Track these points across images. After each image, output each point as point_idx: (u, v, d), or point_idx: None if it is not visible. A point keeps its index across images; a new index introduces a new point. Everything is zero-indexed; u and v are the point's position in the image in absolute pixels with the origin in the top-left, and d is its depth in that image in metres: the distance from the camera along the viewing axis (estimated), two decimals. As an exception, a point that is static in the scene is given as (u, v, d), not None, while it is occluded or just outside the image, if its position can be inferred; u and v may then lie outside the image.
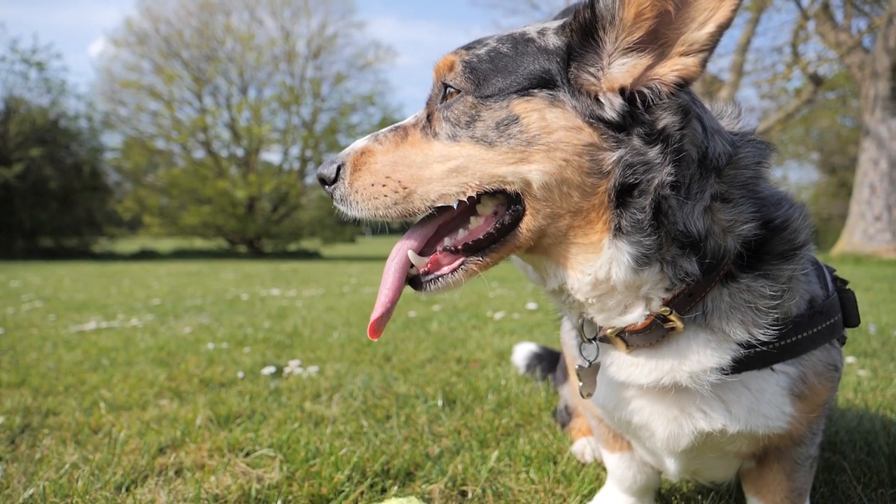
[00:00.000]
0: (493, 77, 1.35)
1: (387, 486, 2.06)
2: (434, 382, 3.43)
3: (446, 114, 1.38)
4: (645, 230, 1.28)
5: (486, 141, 1.32)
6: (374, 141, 1.45)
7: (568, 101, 1.29)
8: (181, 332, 5.51)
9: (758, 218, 1.35)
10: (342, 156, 1.46)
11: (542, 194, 1.31)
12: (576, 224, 1.33)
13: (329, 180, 1.45)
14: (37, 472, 2.17)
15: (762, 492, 1.63)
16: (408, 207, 1.37)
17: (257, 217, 33.83)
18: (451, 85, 1.38)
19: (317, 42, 34.87)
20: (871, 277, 10.69)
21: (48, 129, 28.66)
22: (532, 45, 1.35)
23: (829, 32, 19.30)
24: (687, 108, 1.30)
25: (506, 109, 1.32)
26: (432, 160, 1.37)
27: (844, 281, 1.60)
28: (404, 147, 1.42)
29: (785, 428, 1.43)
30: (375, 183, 1.39)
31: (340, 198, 1.44)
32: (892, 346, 4.27)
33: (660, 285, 1.33)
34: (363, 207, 1.40)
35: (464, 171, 1.34)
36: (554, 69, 1.31)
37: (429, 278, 1.39)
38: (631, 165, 1.26)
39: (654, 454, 1.66)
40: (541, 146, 1.29)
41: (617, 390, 1.53)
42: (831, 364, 1.47)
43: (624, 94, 1.27)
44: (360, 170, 1.41)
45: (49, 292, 9.67)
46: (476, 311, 6.81)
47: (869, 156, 17.49)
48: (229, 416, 2.81)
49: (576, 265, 1.36)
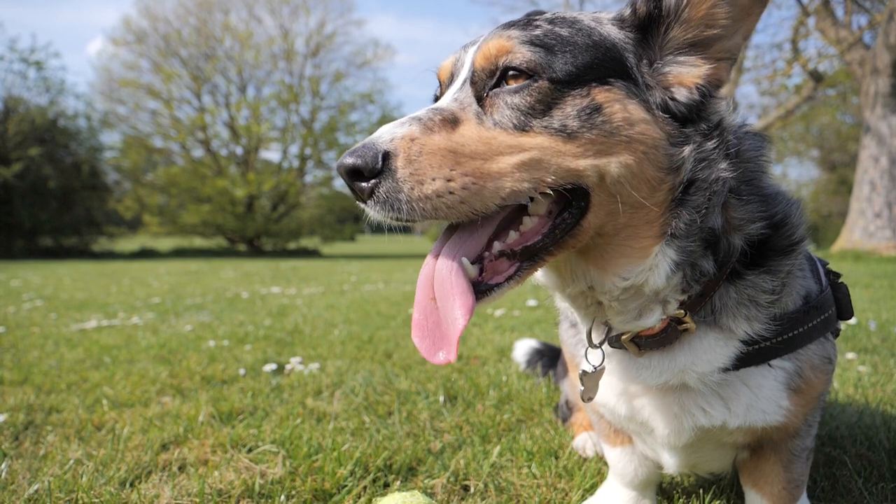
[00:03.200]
0: (563, 62, 1.23)
1: (389, 482, 2.07)
2: (435, 379, 3.44)
3: (510, 100, 1.23)
4: (693, 234, 1.28)
5: (564, 131, 1.21)
6: (421, 126, 1.20)
7: (640, 93, 1.27)
8: (182, 330, 5.52)
9: (764, 216, 1.36)
10: (382, 142, 1.17)
11: (615, 189, 1.24)
12: (632, 223, 1.27)
13: (371, 172, 1.15)
14: (41, 468, 2.18)
15: (759, 483, 1.64)
16: (475, 207, 1.17)
17: (257, 215, 33.81)
18: (518, 68, 1.23)
19: (315, 40, 34.86)
20: (871, 274, 10.70)
21: (47, 128, 28.61)
22: (595, 32, 1.29)
23: (829, 29, 19.27)
24: (728, 105, 1.34)
25: (587, 98, 1.23)
26: (498, 152, 1.20)
27: (837, 274, 1.62)
28: (459, 136, 1.21)
29: (782, 421, 1.45)
30: (437, 178, 1.15)
31: (385, 195, 1.15)
32: (893, 342, 4.28)
33: (678, 287, 1.33)
34: (419, 207, 1.14)
35: (537, 164, 1.20)
36: (629, 60, 1.28)
37: (483, 288, 1.24)
38: (699, 161, 1.28)
39: (653, 449, 1.67)
40: (622, 138, 1.23)
41: (618, 388, 1.54)
42: (826, 357, 1.49)
43: (690, 90, 1.29)
44: (414, 161, 1.15)
45: (49, 291, 9.67)
46: (476, 309, 6.81)
47: (869, 153, 17.48)
48: (231, 412, 2.82)
49: (616, 268, 1.30)
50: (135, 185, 34.27)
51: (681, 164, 1.26)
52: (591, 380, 1.50)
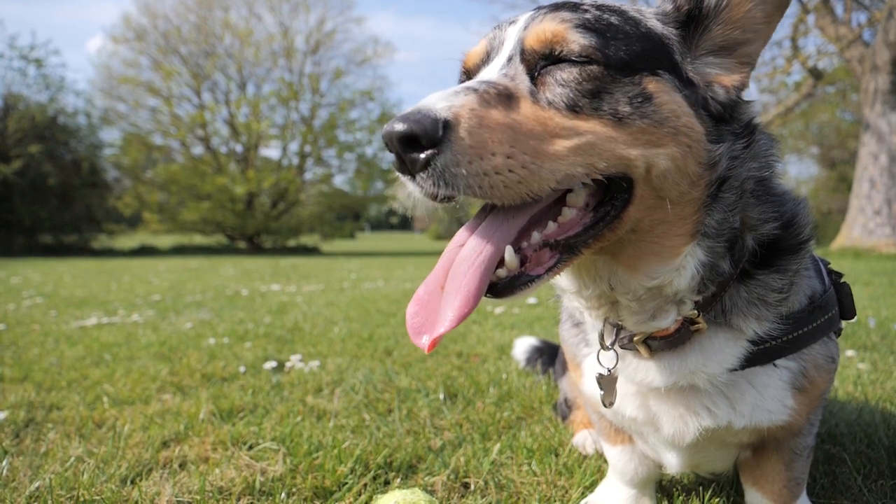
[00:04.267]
0: (616, 48, 1.22)
1: (390, 479, 2.07)
2: (435, 376, 3.44)
3: (564, 80, 1.20)
4: (723, 233, 1.29)
5: (615, 116, 1.19)
6: (478, 98, 1.12)
7: (683, 88, 1.27)
8: (182, 327, 5.52)
9: (777, 216, 1.37)
10: (441, 109, 1.07)
11: (658, 182, 1.22)
12: (667, 219, 1.26)
13: (430, 141, 1.05)
14: (42, 465, 2.18)
15: (760, 482, 1.64)
16: (531, 188, 1.10)
17: (256, 213, 33.78)
18: (574, 52, 1.20)
19: (315, 38, 34.79)
20: (870, 272, 10.70)
21: (47, 125, 28.57)
22: (643, 24, 1.29)
23: (828, 26, 19.25)
24: (758, 107, 1.37)
25: (638, 86, 1.22)
26: (554, 133, 1.15)
27: (839, 274, 1.62)
28: (516, 113, 1.15)
29: (787, 421, 1.45)
30: (498, 153, 1.07)
31: (443, 168, 1.06)
32: (892, 339, 4.28)
33: (695, 288, 1.32)
34: (476, 184, 1.07)
35: (591, 149, 1.16)
36: (676, 54, 1.29)
37: (525, 280, 1.18)
38: (733, 158, 1.29)
39: (655, 448, 1.66)
40: (670, 129, 1.22)
41: (623, 389, 1.53)
42: (829, 357, 1.49)
43: (728, 90, 1.30)
44: (475, 134, 1.07)
45: (49, 289, 9.67)
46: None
47: (869, 150, 17.48)
48: (232, 410, 2.82)
49: (645, 267, 1.29)
50: (135, 182, 34.19)
51: (717, 160, 1.27)
52: (608, 383, 1.48)
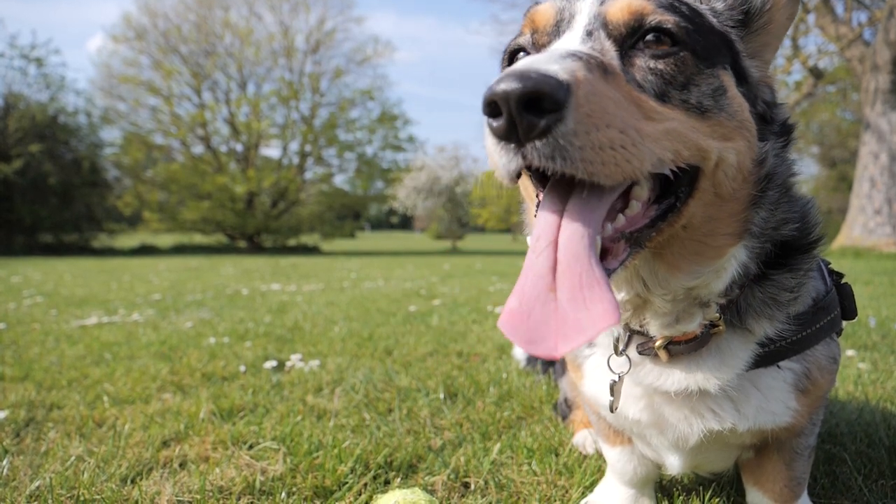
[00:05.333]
0: (698, 36, 1.18)
1: (390, 478, 2.07)
2: (435, 376, 3.44)
3: (654, 64, 1.14)
4: (765, 233, 1.29)
5: (699, 108, 1.16)
6: (585, 65, 1.00)
7: (739, 84, 1.26)
8: (182, 326, 5.52)
9: (797, 217, 1.36)
10: (557, 70, 0.93)
11: (720, 176, 1.20)
12: (717, 216, 1.23)
13: (554, 104, 0.91)
14: (42, 464, 2.18)
15: (761, 481, 1.64)
16: (634, 168, 1.01)
17: (256, 212, 33.78)
18: (668, 31, 1.15)
19: (315, 37, 34.78)
20: (870, 271, 10.70)
21: (47, 124, 28.55)
22: (707, 16, 1.26)
23: (829, 25, 19.24)
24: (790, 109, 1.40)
25: (717, 78, 1.20)
26: (647, 115, 1.07)
27: (840, 274, 1.61)
28: (617, 86, 1.05)
29: (790, 422, 1.44)
30: (612, 126, 0.97)
31: (561, 137, 0.93)
32: (893, 339, 4.28)
33: (725, 290, 1.30)
34: (589, 159, 0.95)
35: (677, 136, 1.11)
36: (738, 50, 1.29)
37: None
38: (777, 156, 1.30)
39: (656, 450, 1.65)
40: (738, 123, 1.21)
41: (626, 391, 1.51)
42: (832, 357, 1.48)
43: (772, 90, 1.32)
44: (591, 102, 0.95)
45: (50, 288, 9.67)
46: (476, 306, 6.82)
47: (869, 149, 17.47)
48: (232, 409, 2.82)
49: (688, 267, 1.25)
50: (135, 181, 34.21)
51: (764, 157, 1.27)
52: (619, 388, 1.46)
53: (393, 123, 37.43)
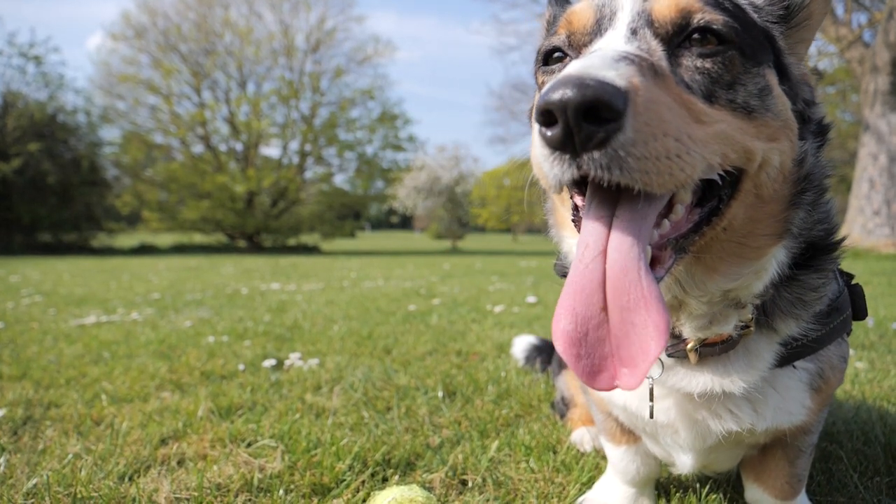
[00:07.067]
0: (744, 35, 1.15)
1: (388, 476, 2.08)
2: (434, 374, 3.44)
3: (701, 64, 1.11)
4: (803, 234, 1.27)
5: (745, 109, 1.13)
6: (638, 70, 0.96)
7: (781, 83, 1.24)
8: (181, 325, 5.52)
9: (825, 218, 1.35)
10: (614, 77, 0.91)
11: (763, 178, 1.17)
12: (757, 217, 1.21)
13: (613, 113, 0.88)
14: (40, 462, 2.19)
15: (762, 477, 1.64)
16: (687, 177, 0.97)
17: (256, 212, 33.75)
18: (715, 31, 1.12)
19: (316, 36, 34.74)
20: (869, 272, 10.72)
21: (46, 123, 28.52)
22: (750, 14, 1.24)
23: (828, 27, 19.25)
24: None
25: (763, 77, 1.17)
26: (697, 118, 1.03)
27: (850, 275, 1.61)
28: (668, 92, 1.01)
29: (805, 420, 1.45)
30: (669, 135, 0.94)
31: (620, 147, 0.90)
32: (890, 338, 4.29)
33: (762, 291, 1.28)
34: (647, 170, 0.92)
35: (725, 139, 1.07)
36: (780, 47, 1.27)
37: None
38: (813, 156, 1.28)
39: (667, 449, 1.63)
40: (782, 122, 1.19)
41: (644, 391, 1.48)
42: (842, 357, 1.49)
43: (812, 89, 1.30)
44: (648, 111, 0.92)
45: (48, 287, 9.67)
46: (476, 305, 6.83)
47: (868, 151, 17.48)
48: (230, 407, 2.82)
49: (727, 269, 1.23)
50: (134, 180, 34.18)
51: (804, 157, 1.26)
52: (652, 393, 1.44)
53: (393, 123, 37.40)
